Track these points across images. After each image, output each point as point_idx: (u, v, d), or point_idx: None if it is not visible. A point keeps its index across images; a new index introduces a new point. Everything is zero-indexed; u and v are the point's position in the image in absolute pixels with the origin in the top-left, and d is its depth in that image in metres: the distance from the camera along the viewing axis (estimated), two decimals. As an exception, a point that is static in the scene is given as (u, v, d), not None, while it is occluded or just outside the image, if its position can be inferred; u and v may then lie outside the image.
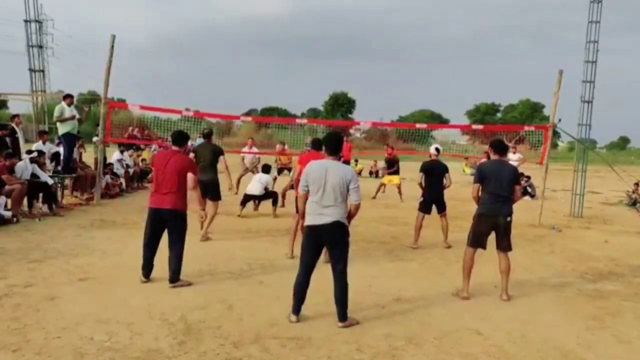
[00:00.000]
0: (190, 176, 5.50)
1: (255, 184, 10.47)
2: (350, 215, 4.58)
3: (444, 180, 8.02)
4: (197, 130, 18.80)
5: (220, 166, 8.17)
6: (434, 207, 8.10)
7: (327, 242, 4.53)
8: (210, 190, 7.88)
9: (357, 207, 4.56)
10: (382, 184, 14.57)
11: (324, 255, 5.07)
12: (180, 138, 5.78)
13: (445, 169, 8.06)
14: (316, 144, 6.93)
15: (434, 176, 7.98)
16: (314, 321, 4.53)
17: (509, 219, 5.44)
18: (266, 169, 11.03)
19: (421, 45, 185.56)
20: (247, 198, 10.34)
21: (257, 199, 10.46)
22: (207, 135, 8.63)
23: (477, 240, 5.53)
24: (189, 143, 7.26)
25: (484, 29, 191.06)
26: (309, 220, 4.52)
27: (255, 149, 14.16)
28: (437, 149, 8.30)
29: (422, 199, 8.08)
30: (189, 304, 4.87)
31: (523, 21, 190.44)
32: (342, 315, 4.47)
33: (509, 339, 4.39)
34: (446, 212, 8.12)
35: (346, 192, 4.46)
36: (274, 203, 10.36)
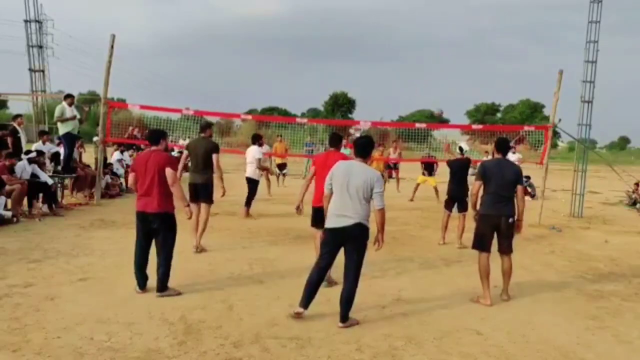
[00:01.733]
0: (168, 171, 5.07)
1: (248, 166, 10.09)
2: (379, 227, 4.53)
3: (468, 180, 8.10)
4: (197, 129, 18.76)
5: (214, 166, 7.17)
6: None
7: (347, 244, 4.50)
8: (202, 194, 7.07)
9: (382, 213, 4.48)
10: (417, 184, 14.22)
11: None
12: (155, 135, 5.39)
13: (468, 168, 8.26)
14: (334, 140, 6.02)
15: (458, 175, 8.12)
16: (314, 321, 4.53)
17: (510, 220, 5.37)
18: (255, 138, 10.49)
19: (421, 45, 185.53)
20: (249, 185, 10.03)
21: (252, 184, 10.03)
22: (203, 128, 7.43)
23: (481, 244, 5.41)
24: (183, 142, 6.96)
25: (484, 28, 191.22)
26: (331, 223, 4.51)
27: (266, 147, 13.92)
28: (460, 148, 8.43)
29: (447, 196, 8.28)
30: (189, 304, 4.87)
31: (523, 21, 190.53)
32: (345, 316, 4.47)
33: (509, 339, 4.39)
34: (467, 212, 7.95)
35: (370, 195, 4.44)
36: (248, 202, 9.91)
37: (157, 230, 5.14)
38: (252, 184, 10.09)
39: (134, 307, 4.73)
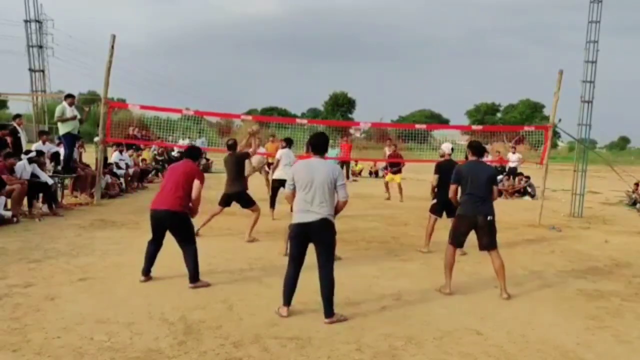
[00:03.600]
0: (196, 183, 5.41)
1: (284, 168, 9.59)
2: (337, 210, 4.69)
3: None
4: (197, 129, 18.76)
5: (247, 169, 8.22)
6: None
7: (315, 239, 4.61)
8: (240, 202, 7.98)
9: (345, 203, 4.68)
10: (387, 183, 14.45)
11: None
12: (195, 152, 5.81)
13: None
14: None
15: (448, 177, 7.64)
16: (314, 321, 4.53)
17: (489, 218, 5.51)
18: (289, 142, 10.41)
19: (421, 45, 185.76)
20: (275, 187, 9.80)
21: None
22: (231, 147, 8.34)
23: (456, 240, 5.66)
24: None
25: (484, 28, 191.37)
26: (297, 218, 4.61)
27: (262, 149, 13.97)
28: (451, 148, 7.88)
29: (434, 201, 7.69)
30: (189, 304, 4.87)
31: (523, 21, 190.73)
32: (329, 311, 4.54)
33: (509, 339, 4.39)
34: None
35: (333, 189, 4.57)
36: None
37: (172, 229, 5.41)
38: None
39: (134, 307, 4.73)
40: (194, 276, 5.39)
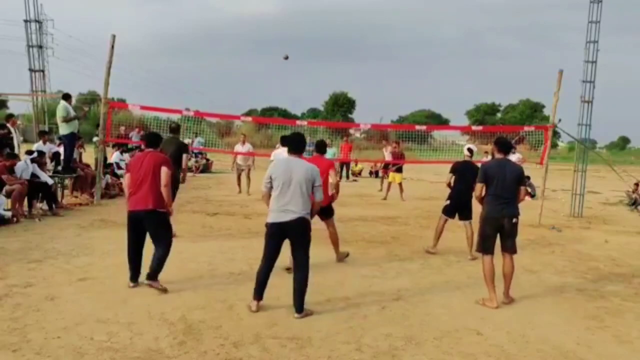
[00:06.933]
0: (164, 170, 5.18)
1: None
2: (312, 211, 4.82)
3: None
4: (197, 129, 18.76)
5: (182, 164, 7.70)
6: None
7: (291, 238, 4.70)
8: None
9: (319, 204, 4.87)
10: (390, 183, 14.49)
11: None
12: (155, 140, 5.62)
13: (477, 172, 7.67)
14: (320, 147, 6.50)
15: (465, 179, 7.17)
16: (314, 321, 4.53)
17: (514, 220, 5.26)
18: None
19: (421, 45, 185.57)
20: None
21: None
22: (174, 130, 8.22)
23: (485, 246, 5.31)
24: (189, 141, 7.05)
25: (484, 28, 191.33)
26: (273, 217, 4.68)
27: (248, 145, 13.95)
28: (470, 150, 7.69)
29: (448, 201, 7.49)
30: (189, 304, 4.87)
31: (523, 21, 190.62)
32: (300, 307, 4.62)
33: (509, 339, 4.39)
34: (472, 220, 7.27)
35: (311, 189, 4.66)
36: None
37: (150, 228, 5.21)
38: None
39: (134, 307, 4.73)
40: (155, 272, 5.16)
